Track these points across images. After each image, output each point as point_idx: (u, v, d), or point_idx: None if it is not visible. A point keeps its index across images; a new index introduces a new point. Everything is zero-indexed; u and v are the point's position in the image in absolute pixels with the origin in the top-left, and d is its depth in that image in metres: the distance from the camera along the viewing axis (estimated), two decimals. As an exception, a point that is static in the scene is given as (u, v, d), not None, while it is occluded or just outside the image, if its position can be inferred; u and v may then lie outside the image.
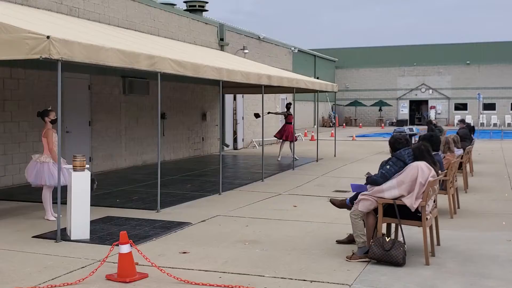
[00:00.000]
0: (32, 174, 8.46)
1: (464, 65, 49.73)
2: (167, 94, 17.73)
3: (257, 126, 24.58)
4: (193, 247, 6.93)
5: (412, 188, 6.23)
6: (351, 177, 13.43)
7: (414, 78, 51.16)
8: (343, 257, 6.42)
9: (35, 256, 6.49)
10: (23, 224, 8.22)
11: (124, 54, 8.28)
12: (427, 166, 6.36)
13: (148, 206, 9.71)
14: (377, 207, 6.38)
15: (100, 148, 14.91)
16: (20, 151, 12.26)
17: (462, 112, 48.75)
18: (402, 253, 6.06)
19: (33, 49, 6.94)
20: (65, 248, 6.85)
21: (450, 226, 8.28)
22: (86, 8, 14.11)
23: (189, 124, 19.46)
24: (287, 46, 29.52)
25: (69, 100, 13.38)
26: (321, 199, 10.65)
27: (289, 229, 8.05)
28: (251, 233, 7.77)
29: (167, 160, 17.90)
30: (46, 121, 8.57)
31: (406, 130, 21.63)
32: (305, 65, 43.95)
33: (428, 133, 9.96)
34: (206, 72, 10.69)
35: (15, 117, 12.22)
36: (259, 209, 9.64)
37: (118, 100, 15.67)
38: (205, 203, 10.30)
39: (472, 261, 6.37)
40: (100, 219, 8.49)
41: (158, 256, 6.46)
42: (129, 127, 16.10)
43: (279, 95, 27.47)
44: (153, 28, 16.95)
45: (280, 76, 14.75)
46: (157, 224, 8.24)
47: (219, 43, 21.22)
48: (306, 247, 6.97)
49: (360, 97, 52.08)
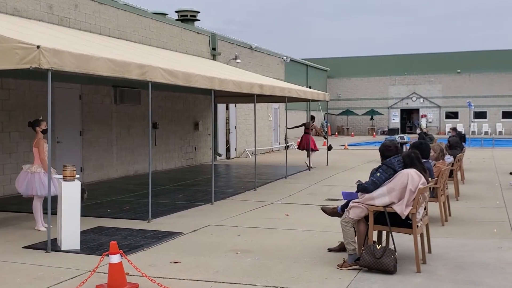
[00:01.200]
0: (22, 184, 8.41)
1: (455, 73, 50.05)
2: (159, 104, 17.72)
3: (250, 135, 24.61)
4: (185, 257, 6.90)
5: (402, 195, 6.24)
6: (343, 186, 13.43)
7: (405, 87, 51.43)
8: (335, 265, 6.41)
9: (25, 267, 6.44)
10: (13, 235, 8.16)
11: (114, 63, 8.27)
12: (417, 174, 6.37)
13: (139, 216, 9.66)
14: (368, 214, 6.38)
15: (91, 158, 14.86)
16: (11, 161, 12.19)
17: (453, 120, 49.00)
18: (393, 261, 6.06)
19: (23, 59, 6.92)
20: (56, 259, 6.80)
21: (441, 233, 8.29)
22: (77, 18, 14.11)
23: (181, 133, 19.43)
24: (279, 55, 29.62)
25: (60, 110, 13.34)
26: (313, 207, 10.65)
27: (281, 237, 8.03)
28: (243, 242, 7.75)
29: (159, 170, 17.85)
30: (37, 131, 8.53)
31: (397, 139, 21.69)
32: (297, 74, 44.04)
33: (418, 140, 9.99)
34: (198, 82, 10.70)
35: (6, 127, 12.16)
36: (251, 218, 9.62)
37: (109, 109, 15.64)
38: (197, 212, 10.27)
39: (463, 269, 6.37)
40: (90, 229, 8.44)
41: (149, 266, 6.42)
42: (120, 137, 16.06)
43: (271, 104, 27.52)
44: (145, 38, 16.96)
45: (272, 85, 14.78)
46: (148, 234, 8.20)
47: (211, 53, 21.26)
48: (298, 255, 6.96)
49: (352, 106, 52.28)
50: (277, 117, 28.92)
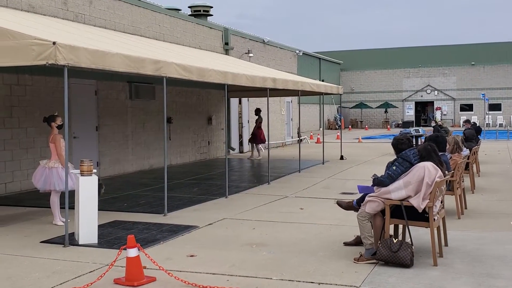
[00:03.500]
0: (40, 179, 8.47)
1: (469, 66, 49.61)
2: (173, 99, 17.76)
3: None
4: (200, 250, 6.92)
5: (419, 188, 6.19)
6: (357, 179, 13.38)
7: (419, 79, 51.08)
8: (351, 259, 6.39)
9: (43, 261, 6.49)
10: (31, 230, 8.23)
11: (129, 59, 8.29)
12: (434, 167, 6.32)
13: (155, 210, 9.70)
14: (384, 208, 6.35)
15: (107, 153, 14.94)
16: (28, 157, 12.29)
17: (468, 113, 48.61)
18: (409, 254, 6.02)
19: (39, 55, 6.94)
20: (73, 253, 6.85)
21: (458, 226, 8.23)
22: (92, 14, 14.16)
23: (195, 128, 19.47)
24: (292, 49, 29.51)
25: (76, 106, 13.41)
26: (327, 201, 10.62)
27: (296, 231, 8.02)
28: (258, 235, 7.75)
29: (174, 164, 17.91)
30: (53, 127, 8.58)
31: (412, 132, 21.56)
32: (310, 68, 43.93)
33: (434, 133, 9.90)
34: (211, 76, 10.69)
35: (23, 123, 12.25)
36: (265, 212, 9.62)
37: (124, 105, 15.70)
38: (212, 206, 10.29)
39: (480, 261, 6.32)
40: (107, 224, 8.49)
41: (165, 260, 6.45)
42: (135, 132, 16.13)
43: (284, 98, 27.45)
44: (159, 33, 16.99)
45: (285, 79, 14.74)
46: (164, 228, 8.23)
47: (224, 48, 21.24)
48: (313, 249, 6.95)
49: (366, 99, 52.04)
50: (290, 111, 28.85)
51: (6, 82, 11.86)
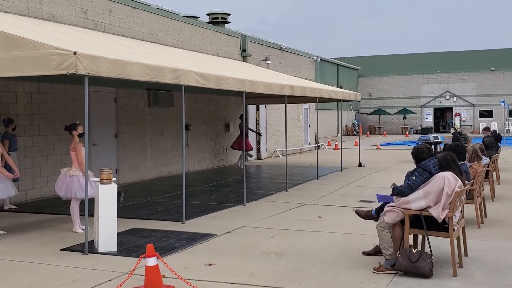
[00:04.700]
0: (62, 187, 8.57)
1: (489, 71, 49.12)
2: (191, 106, 17.85)
3: (281, 136, 24.59)
4: (219, 259, 6.94)
5: (439, 198, 6.15)
6: (376, 187, 13.31)
7: (438, 85, 50.69)
8: (370, 269, 6.36)
9: (63, 269, 6.56)
10: (51, 237, 8.32)
11: (149, 68, 8.36)
12: (454, 176, 6.27)
13: (173, 218, 9.75)
14: (403, 218, 6.31)
15: (126, 160, 15.06)
16: (48, 164, 12.44)
17: (487, 119, 48.09)
18: (429, 265, 5.98)
19: (60, 65, 7.04)
20: (93, 261, 6.91)
21: (478, 236, 8.15)
22: (111, 23, 14.30)
23: (213, 134, 19.54)
24: (309, 55, 29.50)
25: (96, 113, 13.54)
26: (346, 209, 10.58)
27: (314, 240, 8.00)
28: (276, 244, 7.75)
29: (191, 170, 17.98)
30: (74, 135, 8.68)
31: (431, 138, 21.41)
32: (327, 74, 43.89)
33: (453, 142, 9.82)
34: (229, 84, 10.74)
35: (43, 130, 12.41)
36: (283, 220, 9.61)
37: (143, 112, 15.82)
38: (230, 214, 10.31)
39: (500, 272, 6.25)
40: (126, 231, 8.56)
41: (184, 268, 6.48)
42: (154, 139, 16.24)
43: (301, 104, 27.44)
44: (177, 41, 17.10)
45: (302, 86, 14.74)
46: (182, 236, 8.27)
47: (241, 54, 21.31)
48: (332, 258, 6.92)
49: (384, 105, 51.78)
50: (307, 117, 28.82)
51: (26, 90, 12.03)
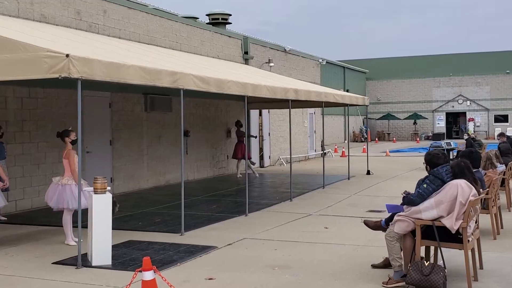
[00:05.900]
0: (53, 197, 8.54)
1: (504, 74, 49.09)
2: (190, 111, 17.85)
3: (285, 142, 24.58)
4: (219, 273, 6.91)
5: (452, 208, 6.11)
6: (385, 196, 13.27)
7: (450, 89, 50.67)
8: (379, 283, 6.32)
9: (55, 284, 6.54)
10: (43, 250, 8.30)
11: (145, 71, 8.36)
12: (468, 185, 6.24)
13: (171, 229, 9.73)
14: (414, 228, 6.28)
15: (121, 168, 15.04)
16: (39, 173, 12.43)
17: (503, 124, 48.02)
18: (442, 278, 5.93)
19: (51, 68, 7.03)
20: (86, 275, 6.89)
21: (494, 247, 8.10)
22: (106, 24, 14.34)
23: (213, 141, 19.53)
24: (315, 58, 29.53)
25: (90, 119, 13.54)
26: (354, 220, 10.54)
27: (321, 252, 7.97)
28: (280, 257, 7.72)
29: (191, 179, 17.96)
30: (67, 142, 8.66)
31: (443, 145, 21.37)
32: (334, 77, 43.93)
33: (467, 149, 9.78)
34: (230, 88, 10.74)
35: (34, 137, 12.41)
36: (288, 231, 9.58)
37: (139, 118, 15.83)
38: (231, 225, 10.28)
39: (518, 286, 6.21)
40: (122, 244, 8.53)
41: (183, 282, 6.45)
42: (151, 146, 16.23)
43: (306, 109, 27.44)
44: (175, 43, 17.13)
45: (307, 90, 14.74)
46: (181, 248, 8.24)
47: (243, 57, 21.34)
48: (339, 271, 6.89)
49: (393, 110, 51.74)
50: (313, 122, 28.80)
51: (17, 95, 12.04)
